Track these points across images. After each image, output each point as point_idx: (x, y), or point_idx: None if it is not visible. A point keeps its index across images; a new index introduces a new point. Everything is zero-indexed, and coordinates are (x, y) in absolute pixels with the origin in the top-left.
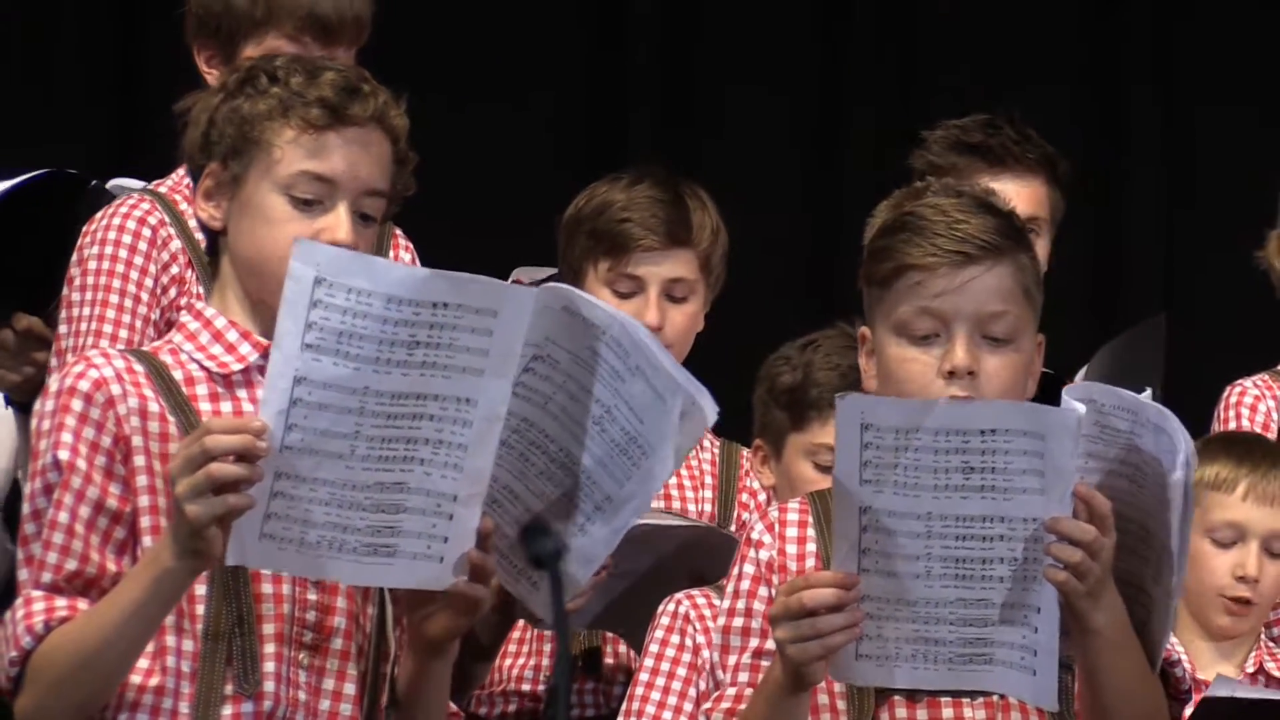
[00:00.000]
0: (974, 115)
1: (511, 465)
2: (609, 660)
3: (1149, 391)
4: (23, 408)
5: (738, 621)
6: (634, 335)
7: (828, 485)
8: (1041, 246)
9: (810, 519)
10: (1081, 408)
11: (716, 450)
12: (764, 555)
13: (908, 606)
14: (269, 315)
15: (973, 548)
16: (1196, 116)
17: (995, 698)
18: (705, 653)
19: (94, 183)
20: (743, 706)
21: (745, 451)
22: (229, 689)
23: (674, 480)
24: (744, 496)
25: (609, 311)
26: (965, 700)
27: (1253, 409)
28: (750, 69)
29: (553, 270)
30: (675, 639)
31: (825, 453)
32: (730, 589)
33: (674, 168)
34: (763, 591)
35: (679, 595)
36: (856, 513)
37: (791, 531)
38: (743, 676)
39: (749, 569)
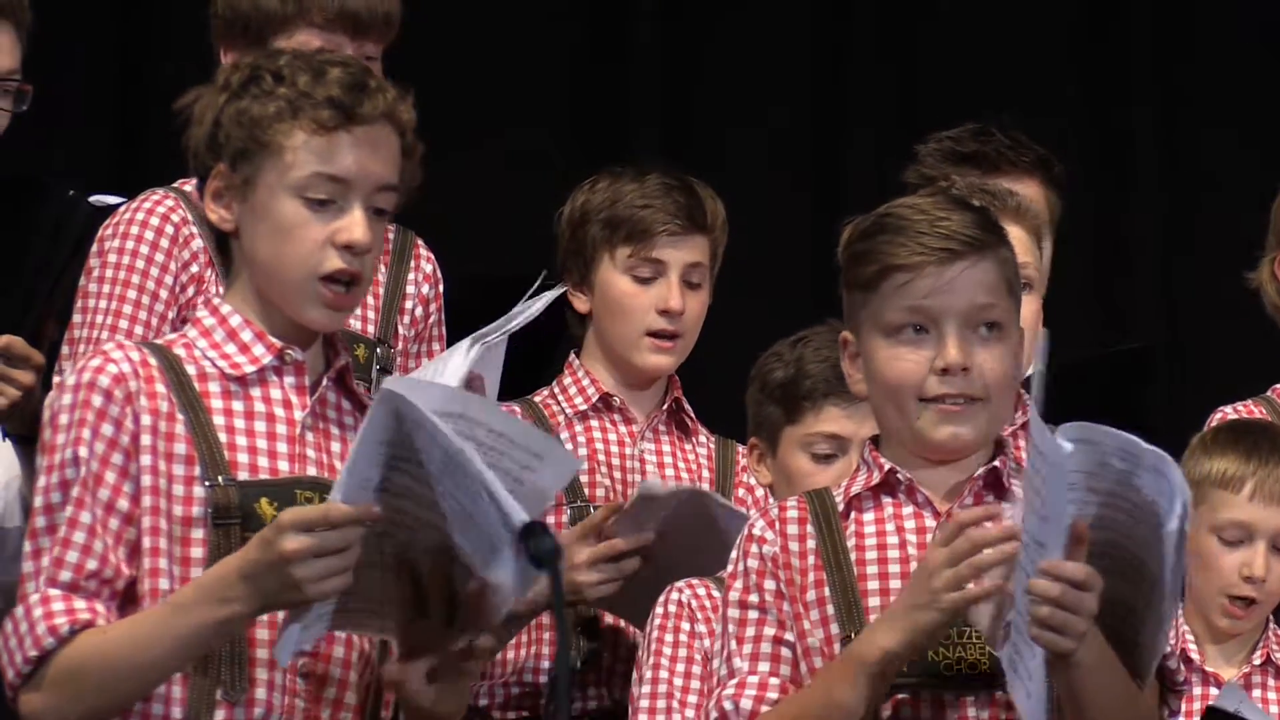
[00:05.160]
0: (964, 126)
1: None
2: (607, 655)
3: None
4: (21, 439)
5: (752, 614)
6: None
7: (824, 476)
8: (1046, 248)
9: (809, 516)
10: (1069, 446)
11: (712, 445)
12: (768, 550)
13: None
14: (282, 317)
15: (1024, 563)
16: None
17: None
18: (706, 641)
19: (71, 192)
20: (771, 695)
21: (741, 448)
22: (220, 694)
23: (670, 474)
24: (740, 492)
25: (430, 418)
26: (969, 700)
27: None
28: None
29: None
30: (686, 625)
31: (821, 442)
32: (739, 582)
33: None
34: (769, 584)
35: (679, 584)
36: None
37: (792, 529)
38: (763, 666)
39: (753, 563)
